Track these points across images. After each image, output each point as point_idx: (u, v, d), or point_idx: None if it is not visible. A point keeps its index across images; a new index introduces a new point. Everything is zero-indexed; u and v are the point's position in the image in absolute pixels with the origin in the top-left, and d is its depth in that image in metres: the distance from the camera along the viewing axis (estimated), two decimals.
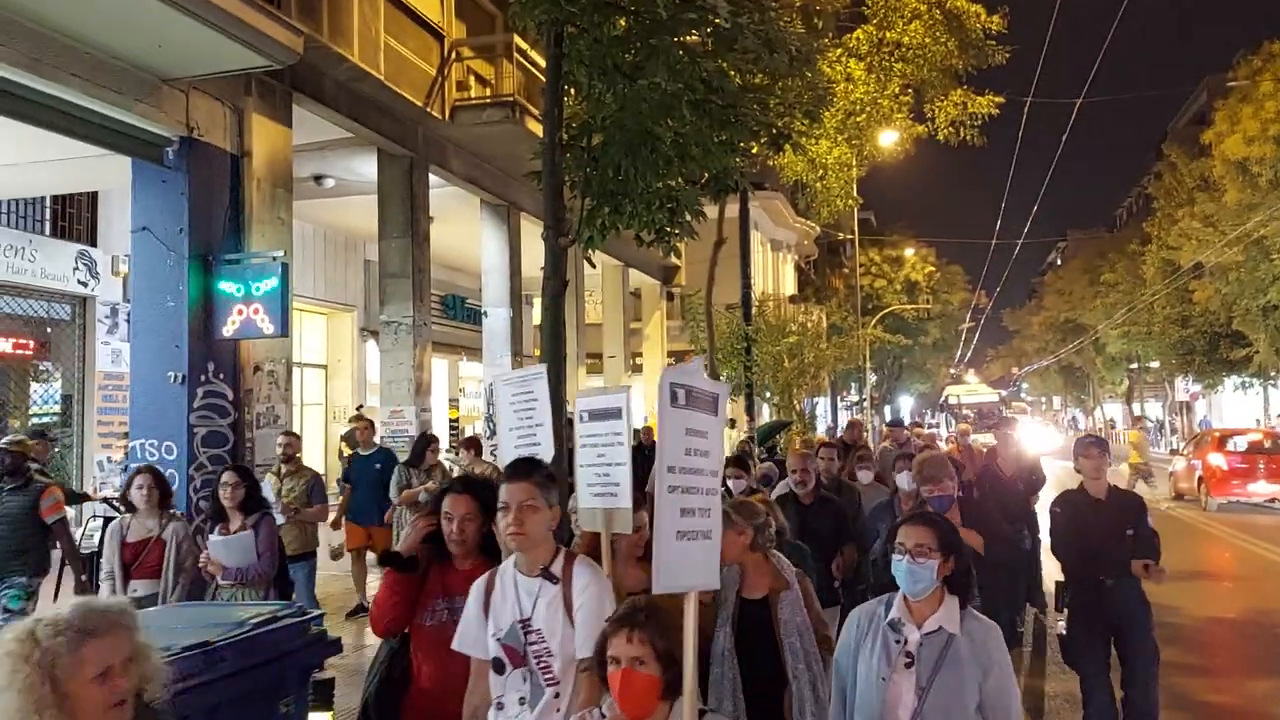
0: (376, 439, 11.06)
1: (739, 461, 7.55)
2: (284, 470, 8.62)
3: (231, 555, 5.99)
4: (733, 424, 18.57)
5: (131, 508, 6.40)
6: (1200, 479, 20.45)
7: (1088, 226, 70.72)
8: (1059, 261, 76.18)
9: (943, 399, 52.11)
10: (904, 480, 6.44)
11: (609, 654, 2.65)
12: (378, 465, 10.21)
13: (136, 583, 6.09)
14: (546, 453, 5.00)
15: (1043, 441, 33.08)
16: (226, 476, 6.27)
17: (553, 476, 3.29)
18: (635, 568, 3.98)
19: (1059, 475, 14.35)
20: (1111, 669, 5.70)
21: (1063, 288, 56.70)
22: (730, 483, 7.07)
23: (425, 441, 10.24)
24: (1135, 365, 50.12)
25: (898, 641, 3.17)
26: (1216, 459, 20.14)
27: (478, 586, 3.33)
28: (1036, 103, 26.84)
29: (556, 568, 3.21)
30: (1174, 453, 24.97)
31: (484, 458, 10.41)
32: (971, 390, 51.55)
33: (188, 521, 6.73)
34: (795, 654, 3.85)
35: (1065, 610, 5.83)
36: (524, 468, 3.28)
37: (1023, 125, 27.44)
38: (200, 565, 6.10)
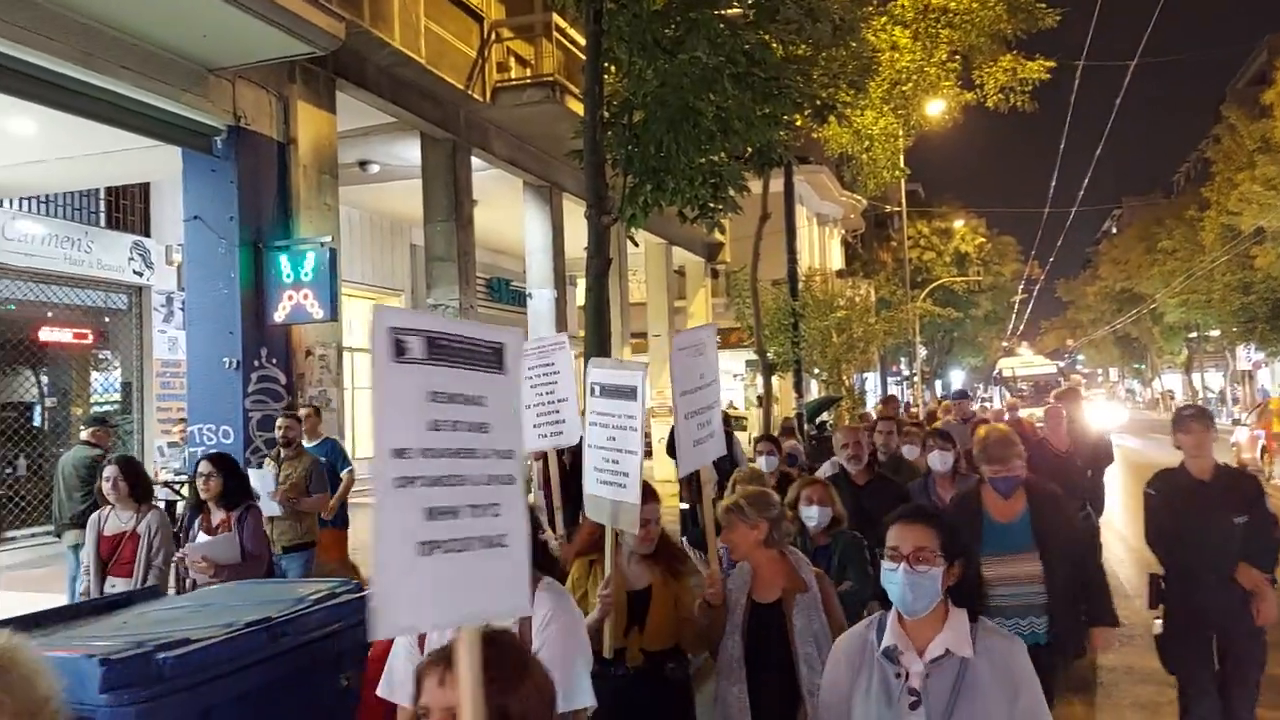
0: None
1: (768, 436, 7.22)
2: (283, 455, 7.90)
3: (216, 555, 5.53)
4: (759, 401, 18.49)
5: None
6: (1264, 448, 20.08)
7: (1144, 193, 69.22)
8: (1114, 230, 74.69)
9: (996, 371, 50.07)
10: (937, 460, 5.95)
11: (420, 701, 1.99)
12: None
13: (114, 579, 5.70)
14: (572, 433, 4.82)
15: (1107, 417, 30.60)
16: (202, 466, 5.78)
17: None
18: (639, 565, 3.82)
19: (1126, 456, 13.99)
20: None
21: (1118, 256, 55.59)
22: (761, 459, 6.79)
23: None
24: (1194, 334, 49.02)
25: (897, 675, 2.55)
26: None
27: None
28: (1089, 66, 26.26)
29: None
30: (1236, 422, 24.47)
31: None
32: (1027, 362, 48.63)
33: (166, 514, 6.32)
34: (811, 665, 3.42)
35: (1161, 608, 5.06)
36: None
37: (1075, 89, 26.84)
38: (187, 566, 5.65)
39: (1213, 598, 4.73)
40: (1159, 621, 5.10)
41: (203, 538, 5.75)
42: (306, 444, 8.84)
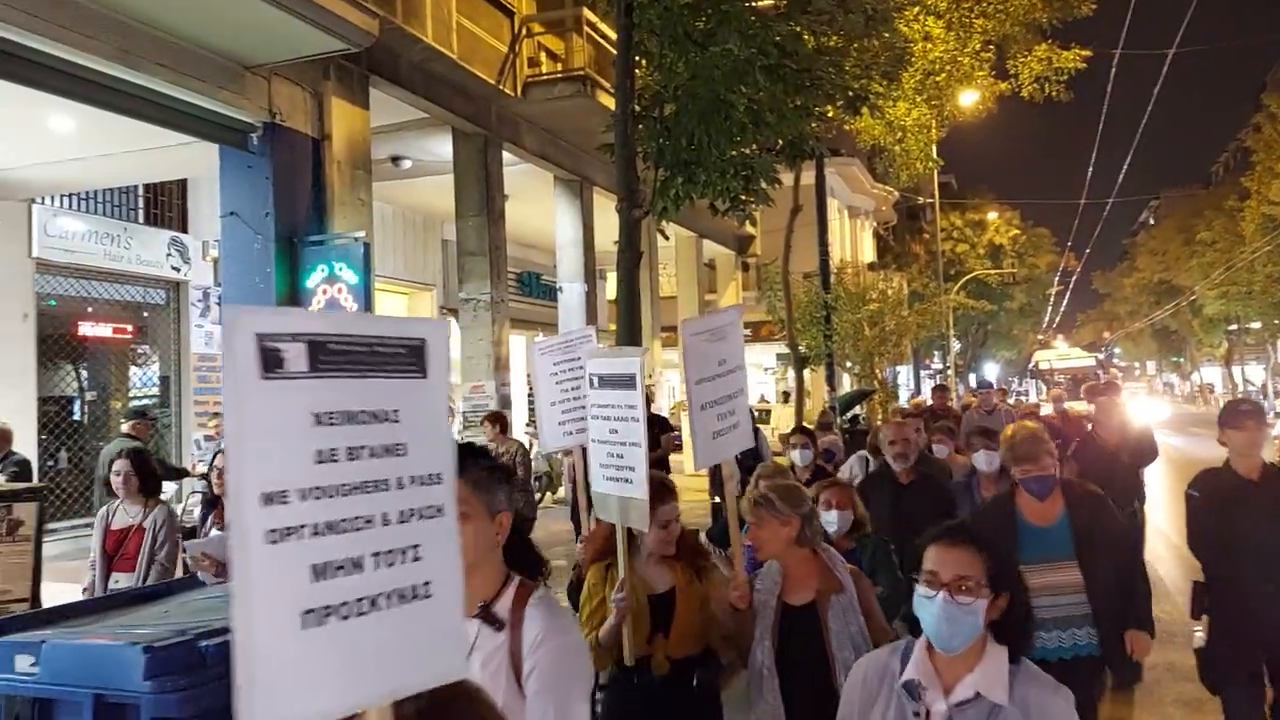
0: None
1: (801, 429, 6.86)
2: None
3: (217, 552, 4.99)
4: (785, 397, 18.40)
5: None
6: None
7: (1182, 183, 68.28)
8: (1152, 221, 73.69)
9: (1032, 364, 48.72)
10: (982, 460, 5.67)
11: None
12: None
13: (118, 574, 5.64)
14: None
15: (1150, 412, 29.21)
16: (219, 460, 5.47)
17: (500, 469, 2.29)
18: (660, 567, 3.57)
19: (1167, 454, 13.61)
20: None
21: (1156, 248, 54.91)
22: (795, 453, 6.50)
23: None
24: (1234, 327, 48.32)
25: (916, 715, 2.23)
26: None
27: None
28: (1126, 55, 25.90)
29: (502, 607, 2.18)
30: (1278, 416, 24.10)
31: (512, 434, 10.30)
32: (1064, 354, 46.99)
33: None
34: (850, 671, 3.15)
35: (1204, 618, 4.60)
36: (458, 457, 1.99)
37: (1111, 79, 26.54)
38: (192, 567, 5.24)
39: (1263, 611, 4.26)
40: (1200, 634, 4.63)
41: (214, 534, 5.65)
42: None
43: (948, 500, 5.37)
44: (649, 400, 12.18)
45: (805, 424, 14.06)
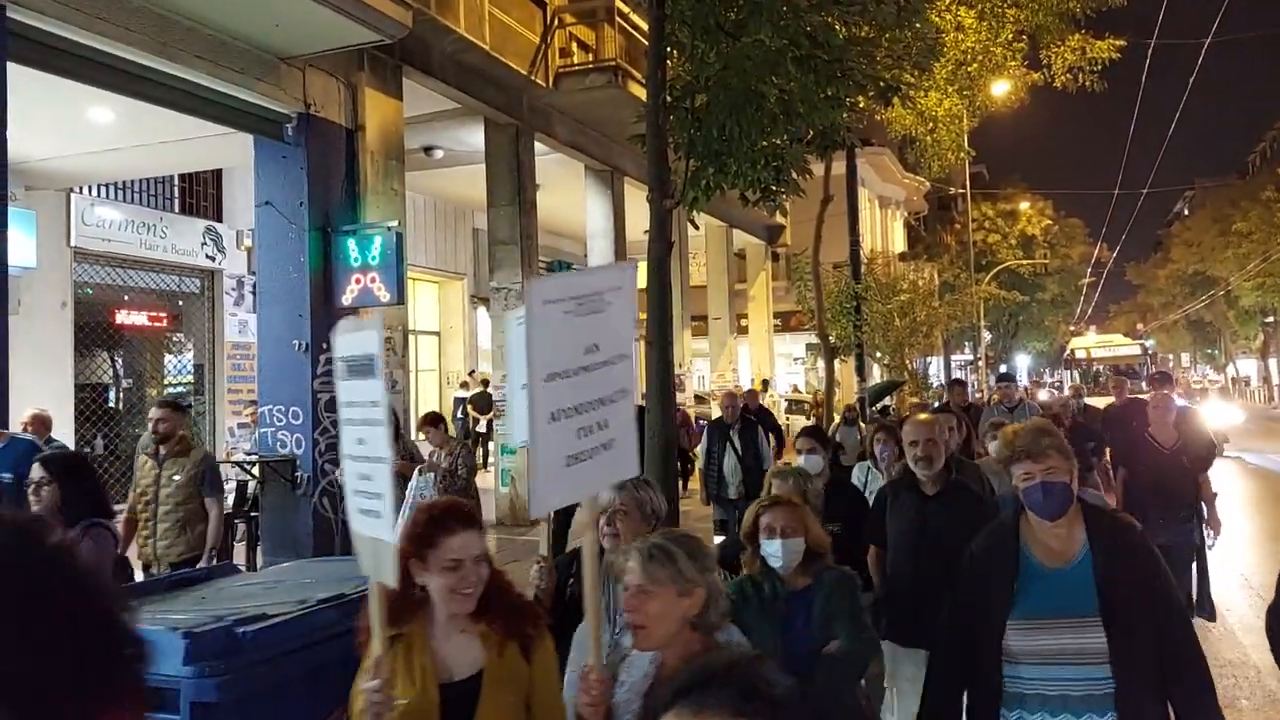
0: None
1: (814, 431, 5.71)
2: (162, 454, 6.35)
3: None
4: (801, 402, 18.37)
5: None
6: None
7: (1217, 174, 67.21)
8: (1186, 211, 72.68)
9: (1067, 352, 43.32)
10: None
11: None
12: None
13: None
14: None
15: (1216, 415, 22.57)
16: (35, 471, 4.46)
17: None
18: (464, 637, 2.49)
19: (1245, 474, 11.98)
20: None
21: (1191, 238, 54.09)
22: (803, 458, 5.32)
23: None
24: (1271, 319, 47.63)
25: None
26: None
27: None
28: (1160, 44, 25.54)
29: None
30: None
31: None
32: (1104, 342, 40.42)
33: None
34: None
35: None
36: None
37: (1146, 69, 26.16)
38: None
39: None
40: None
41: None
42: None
43: (985, 516, 4.16)
44: (677, 388, 11.98)
45: (848, 410, 13.90)
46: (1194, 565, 6.59)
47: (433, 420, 8.57)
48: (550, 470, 2.28)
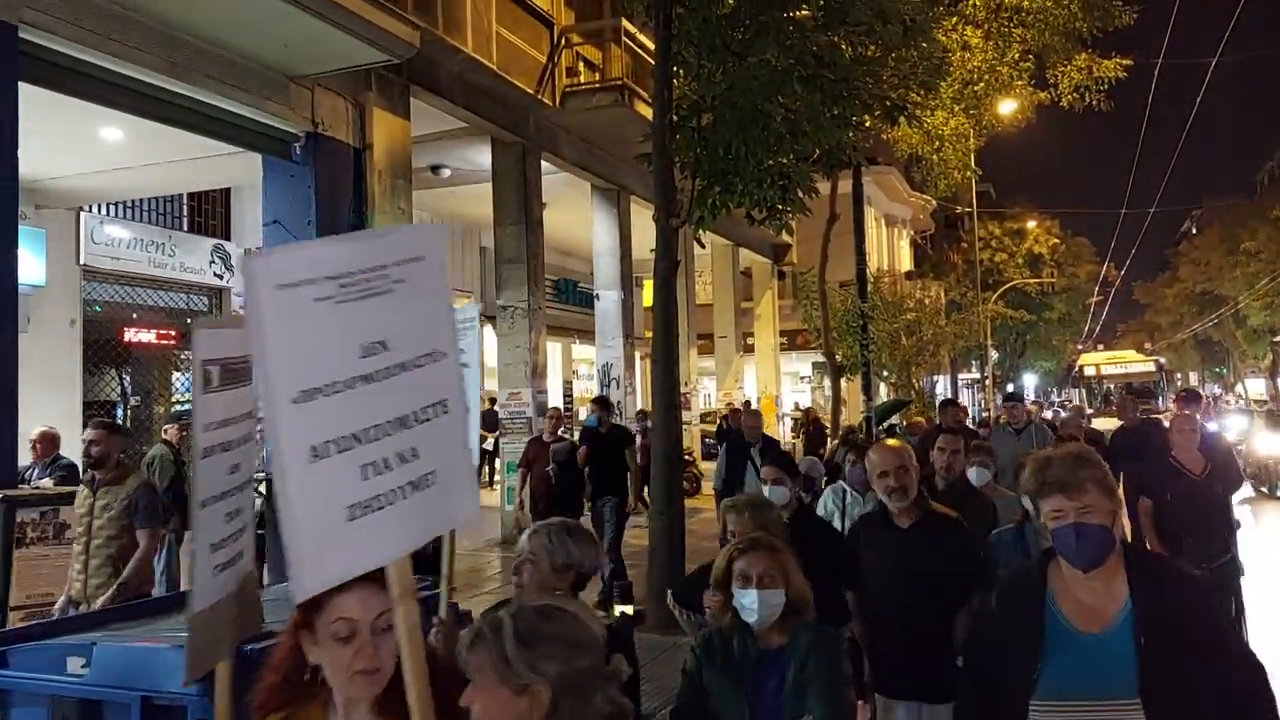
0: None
1: (780, 459, 5.04)
2: (96, 480, 5.79)
3: None
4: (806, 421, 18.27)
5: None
6: None
7: (1224, 193, 67.24)
8: (1194, 230, 72.58)
9: (1075, 370, 42.29)
10: (975, 475, 5.10)
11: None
12: None
13: None
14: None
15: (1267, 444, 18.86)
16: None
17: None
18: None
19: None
20: None
21: (1198, 258, 53.99)
22: (768, 489, 4.67)
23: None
24: (1279, 338, 47.48)
25: None
26: None
27: None
28: (1167, 64, 25.59)
29: None
30: None
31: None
32: (1116, 358, 38.46)
33: None
34: None
35: None
36: None
37: (1153, 88, 26.21)
38: None
39: None
40: None
41: None
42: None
43: (967, 553, 3.94)
44: (683, 405, 11.94)
45: (849, 432, 13.45)
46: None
47: None
48: (318, 529, 1.63)
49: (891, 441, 4.40)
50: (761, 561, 2.91)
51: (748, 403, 19.77)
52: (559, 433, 9.73)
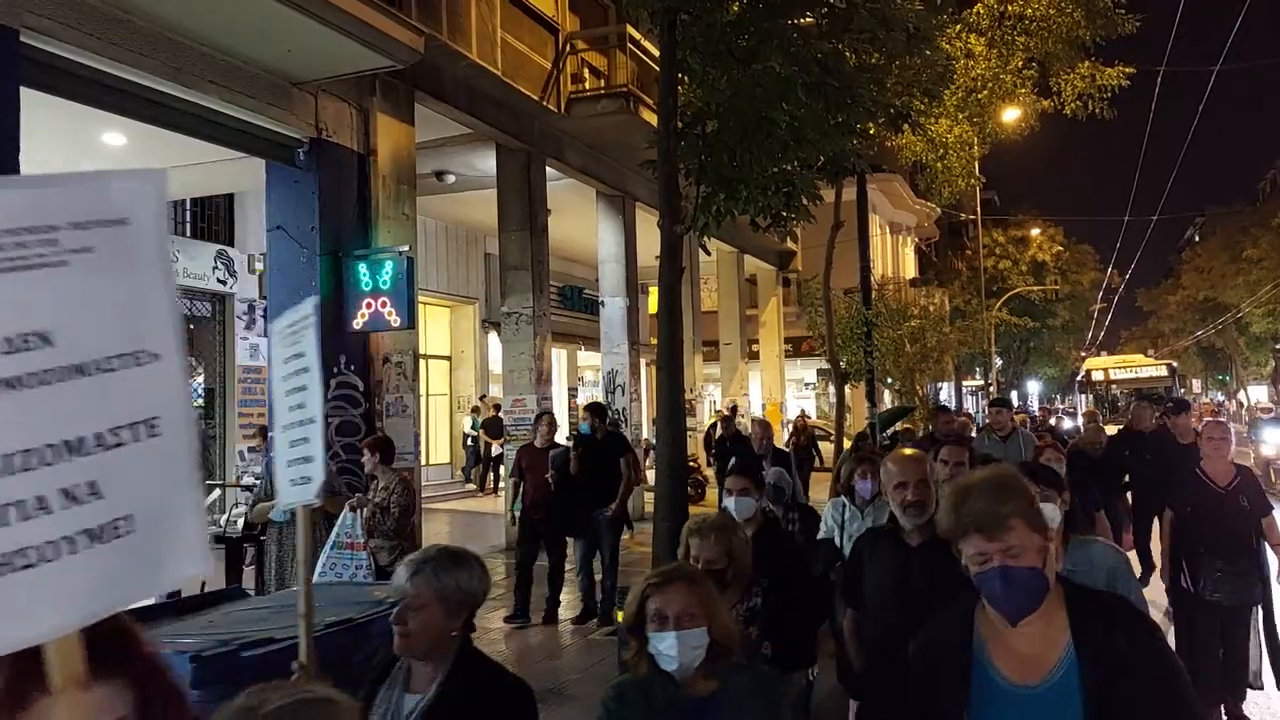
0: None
1: (747, 469, 4.46)
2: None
3: None
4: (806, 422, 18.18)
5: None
6: None
7: (1227, 201, 67.20)
8: (1197, 238, 72.55)
9: (1081, 374, 40.26)
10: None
11: None
12: None
13: None
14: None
15: None
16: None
17: None
18: None
19: None
20: None
21: (1201, 265, 53.94)
22: (732, 500, 4.24)
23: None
24: None
25: None
26: None
27: None
28: (1170, 71, 25.56)
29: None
30: None
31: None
32: (1125, 362, 35.95)
33: None
34: None
35: None
36: None
37: (1155, 96, 26.17)
38: None
39: None
40: None
41: None
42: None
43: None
44: (689, 411, 11.84)
45: (851, 443, 13.30)
46: (1259, 628, 5.79)
47: (379, 445, 7.29)
48: None
49: (909, 451, 4.02)
50: (680, 597, 2.48)
51: (734, 408, 19.76)
52: (554, 439, 9.49)
